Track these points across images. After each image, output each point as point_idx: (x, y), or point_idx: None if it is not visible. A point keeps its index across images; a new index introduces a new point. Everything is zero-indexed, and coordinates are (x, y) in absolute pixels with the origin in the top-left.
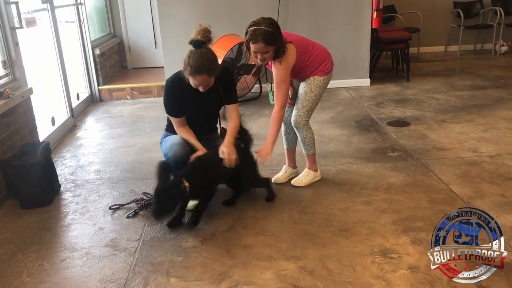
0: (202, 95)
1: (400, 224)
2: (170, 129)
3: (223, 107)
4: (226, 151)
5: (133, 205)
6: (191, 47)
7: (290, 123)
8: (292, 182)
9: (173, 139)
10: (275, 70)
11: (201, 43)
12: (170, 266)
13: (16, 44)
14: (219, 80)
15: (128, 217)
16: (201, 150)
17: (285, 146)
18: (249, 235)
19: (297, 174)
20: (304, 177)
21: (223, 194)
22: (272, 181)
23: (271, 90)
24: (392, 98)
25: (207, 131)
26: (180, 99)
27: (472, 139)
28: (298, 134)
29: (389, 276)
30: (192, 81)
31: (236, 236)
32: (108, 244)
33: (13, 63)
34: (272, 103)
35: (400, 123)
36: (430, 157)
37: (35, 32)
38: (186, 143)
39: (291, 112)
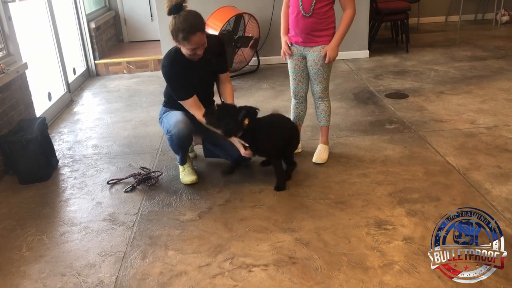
0: (198, 69)
1: (395, 196)
2: (169, 105)
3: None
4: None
5: (131, 179)
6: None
7: (302, 98)
8: (315, 160)
9: (177, 115)
10: None
11: (180, 6)
12: (168, 239)
13: (9, 18)
14: (211, 51)
15: (126, 191)
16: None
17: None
18: (246, 208)
19: (301, 150)
20: (325, 152)
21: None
22: None
23: None
24: (391, 70)
25: (204, 106)
26: (183, 77)
27: (470, 110)
28: (321, 106)
29: (384, 247)
30: (188, 46)
31: (233, 209)
32: (107, 218)
33: (6, 38)
34: None
35: (398, 95)
36: (427, 129)
37: (29, 5)
38: (189, 121)
39: (304, 87)
